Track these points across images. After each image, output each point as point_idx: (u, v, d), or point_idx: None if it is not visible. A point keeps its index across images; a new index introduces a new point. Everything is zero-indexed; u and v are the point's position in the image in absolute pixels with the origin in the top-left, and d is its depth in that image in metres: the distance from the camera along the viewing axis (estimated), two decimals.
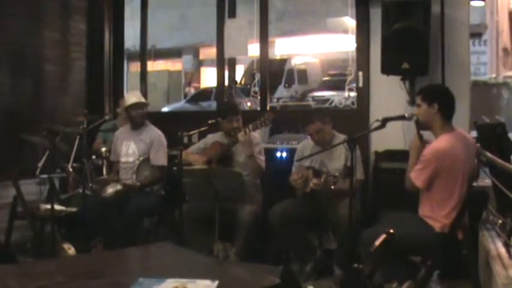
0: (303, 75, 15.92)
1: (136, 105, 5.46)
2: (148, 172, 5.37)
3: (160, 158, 5.39)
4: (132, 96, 5.62)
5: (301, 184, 4.86)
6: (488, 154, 4.28)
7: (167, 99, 17.34)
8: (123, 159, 5.49)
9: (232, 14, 7.00)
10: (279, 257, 4.98)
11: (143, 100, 5.50)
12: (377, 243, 2.74)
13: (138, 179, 5.30)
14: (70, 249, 4.91)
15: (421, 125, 4.00)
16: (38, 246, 5.27)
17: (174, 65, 19.97)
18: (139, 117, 5.48)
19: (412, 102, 5.41)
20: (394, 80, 5.49)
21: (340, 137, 4.87)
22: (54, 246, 4.87)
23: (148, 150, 5.39)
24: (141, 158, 5.36)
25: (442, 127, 3.91)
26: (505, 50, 14.55)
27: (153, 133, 5.48)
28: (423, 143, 3.98)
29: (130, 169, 5.37)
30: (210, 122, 5.30)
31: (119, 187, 5.17)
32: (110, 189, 5.14)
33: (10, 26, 6.46)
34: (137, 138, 5.46)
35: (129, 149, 5.46)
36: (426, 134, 4.05)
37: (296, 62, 16.31)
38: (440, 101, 3.92)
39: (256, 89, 7.41)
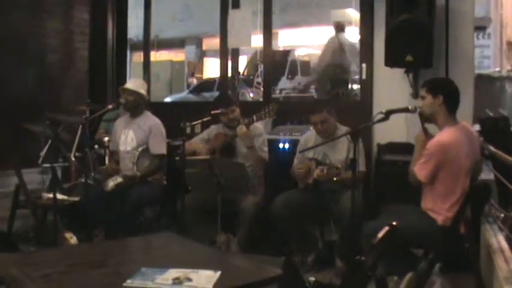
0: (306, 66, 15.87)
1: (126, 91, 5.44)
2: (148, 162, 5.37)
3: (159, 147, 5.38)
4: (130, 82, 5.64)
5: (304, 175, 4.86)
6: (492, 148, 4.28)
7: (170, 90, 17.32)
8: (121, 148, 5.47)
9: (236, 4, 6.98)
10: (281, 248, 4.97)
11: (139, 89, 5.45)
12: (380, 235, 2.74)
13: (138, 169, 5.30)
14: (72, 239, 4.92)
15: (425, 118, 3.99)
16: (40, 235, 5.28)
17: (177, 56, 19.95)
18: (127, 104, 5.45)
19: (415, 95, 5.40)
20: (398, 73, 5.48)
21: (343, 129, 4.86)
22: (56, 236, 4.86)
23: (146, 138, 5.37)
24: (140, 149, 5.35)
25: (446, 120, 3.90)
26: (509, 43, 14.51)
27: (152, 121, 5.46)
28: (428, 136, 3.97)
29: (130, 159, 5.36)
30: (213, 112, 5.30)
31: (119, 180, 5.16)
32: (111, 183, 5.13)
33: (13, 16, 6.45)
34: (135, 127, 5.44)
35: (128, 137, 5.44)
36: (431, 128, 4.04)
37: (299, 53, 16.27)
38: (445, 93, 3.90)
39: (259, 80, 7.42)
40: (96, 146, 5.94)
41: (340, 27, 9.16)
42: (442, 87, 3.98)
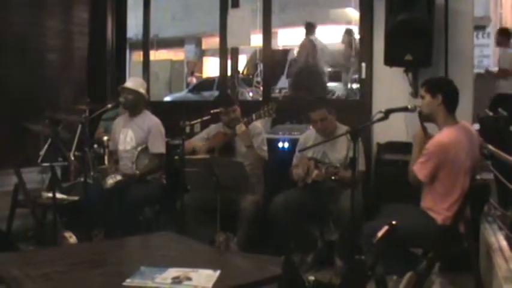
0: None
1: (126, 90, 5.45)
2: (147, 161, 5.37)
3: (158, 146, 5.39)
4: (129, 81, 5.64)
5: (303, 175, 4.85)
6: (491, 147, 4.28)
7: (169, 89, 17.32)
8: (121, 147, 5.47)
9: (236, 3, 6.97)
10: (281, 247, 4.97)
11: (139, 89, 5.46)
12: (380, 234, 2.74)
13: (137, 168, 5.31)
14: (71, 238, 4.92)
15: (424, 117, 3.99)
16: (40, 235, 5.29)
17: (176, 55, 19.94)
18: (126, 103, 5.46)
19: (415, 94, 5.40)
20: (397, 72, 5.48)
21: (343, 128, 4.85)
22: (56, 235, 4.87)
23: (145, 137, 5.38)
24: (139, 148, 5.36)
25: (446, 119, 3.89)
26: None
27: (151, 121, 5.46)
28: (427, 135, 3.97)
29: (130, 158, 5.37)
30: (212, 111, 5.30)
31: (118, 178, 5.17)
32: (110, 181, 5.14)
33: (13, 16, 6.45)
34: (134, 126, 5.44)
35: (127, 136, 5.44)
36: (430, 128, 4.04)
37: None
38: (444, 92, 3.90)
39: (259, 79, 7.41)
40: (95, 146, 5.94)
41: (311, 29, 9.25)
42: (441, 86, 3.97)
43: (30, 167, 5.61)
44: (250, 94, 11.70)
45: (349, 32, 9.39)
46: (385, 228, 2.77)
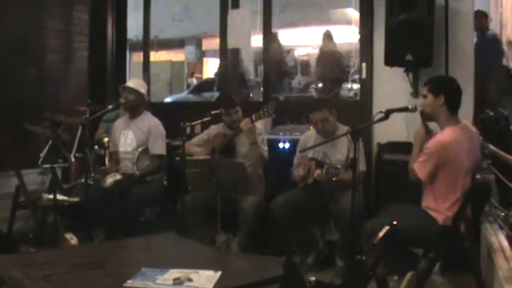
0: (305, 66, 15.87)
1: (127, 90, 5.44)
2: (148, 162, 5.37)
3: (158, 147, 5.39)
4: (130, 81, 5.64)
5: (304, 176, 4.85)
6: (492, 147, 4.28)
7: (170, 90, 17.31)
8: (121, 149, 5.48)
9: (236, 4, 6.97)
10: (281, 248, 4.97)
11: (140, 89, 5.46)
12: (380, 234, 2.74)
13: (138, 169, 5.31)
14: (72, 239, 4.93)
15: (426, 117, 3.99)
16: (40, 236, 5.28)
17: (176, 56, 19.92)
18: (127, 103, 5.45)
19: (415, 94, 5.40)
20: (398, 72, 5.47)
21: (343, 128, 4.85)
22: (57, 236, 4.88)
23: (146, 138, 5.38)
24: (139, 149, 5.36)
25: (448, 119, 3.89)
26: (509, 42, 14.48)
27: (151, 122, 5.47)
28: (429, 133, 3.96)
29: (131, 159, 5.37)
30: (213, 112, 5.30)
31: (118, 177, 5.17)
32: (110, 179, 5.14)
33: (13, 16, 6.45)
34: (135, 127, 5.45)
35: (127, 138, 5.45)
36: (432, 125, 4.04)
37: (299, 53, 16.25)
38: (447, 92, 3.90)
39: (259, 79, 7.40)
40: (95, 147, 5.94)
41: None
42: (443, 86, 3.96)
43: (30, 169, 5.62)
44: (251, 95, 11.70)
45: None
46: (386, 228, 2.76)
